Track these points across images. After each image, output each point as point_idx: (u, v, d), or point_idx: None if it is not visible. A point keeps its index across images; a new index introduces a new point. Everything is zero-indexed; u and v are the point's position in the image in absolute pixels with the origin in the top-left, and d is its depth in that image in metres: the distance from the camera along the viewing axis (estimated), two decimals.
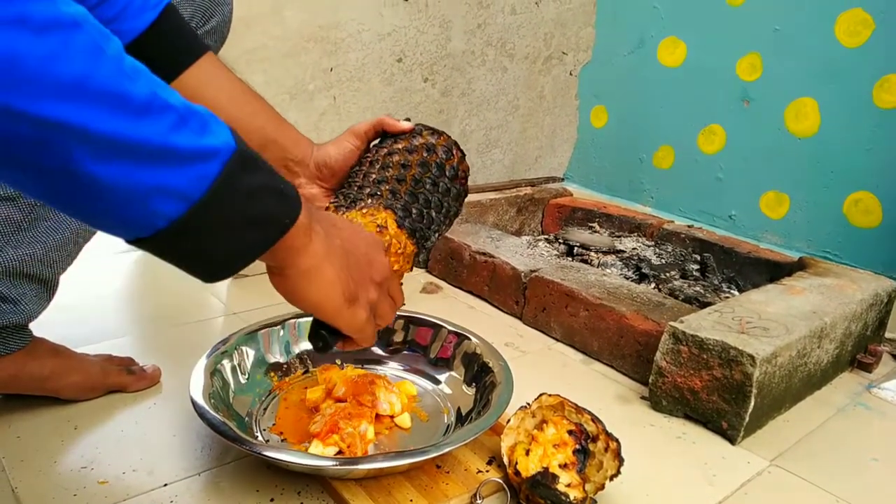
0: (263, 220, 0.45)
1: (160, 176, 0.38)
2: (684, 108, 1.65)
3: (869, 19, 1.30)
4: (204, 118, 0.41)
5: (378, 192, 0.69)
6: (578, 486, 0.68)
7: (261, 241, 0.45)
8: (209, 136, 0.40)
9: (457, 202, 0.77)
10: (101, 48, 0.35)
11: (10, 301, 0.73)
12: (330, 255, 0.51)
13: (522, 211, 1.68)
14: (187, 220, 0.40)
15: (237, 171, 0.42)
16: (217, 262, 0.45)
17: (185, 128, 0.39)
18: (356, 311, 0.54)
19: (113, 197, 0.38)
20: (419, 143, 0.74)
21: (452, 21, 1.54)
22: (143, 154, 0.37)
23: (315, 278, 0.50)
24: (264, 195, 0.44)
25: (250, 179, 0.43)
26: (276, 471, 0.73)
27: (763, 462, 0.83)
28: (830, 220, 1.41)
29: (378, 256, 0.59)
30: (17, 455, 0.73)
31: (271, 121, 0.73)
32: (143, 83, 0.37)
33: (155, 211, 0.39)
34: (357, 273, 0.54)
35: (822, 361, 0.99)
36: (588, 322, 1.08)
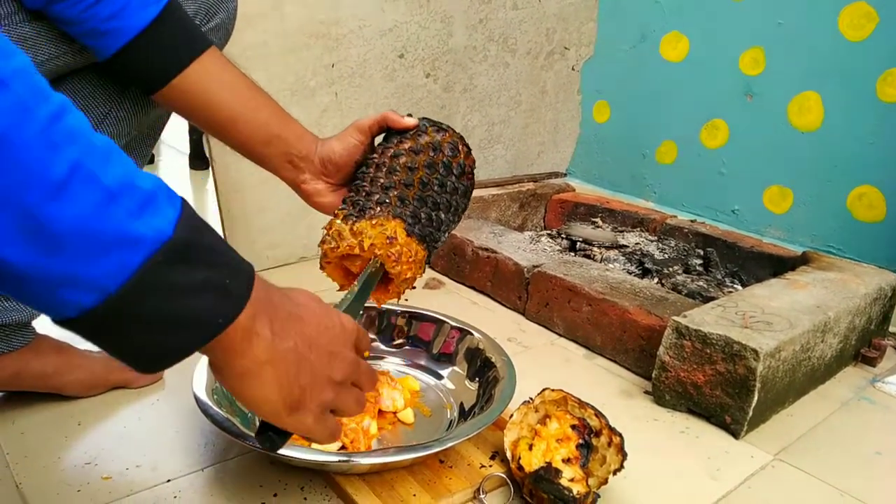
0: (191, 322, 0.40)
1: (73, 265, 0.34)
2: (687, 103, 1.65)
3: (872, 13, 1.30)
4: (143, 197, 0.37)
5: (387, 200, 0.68)
6: (581, 480, 0.68)
7: (187, 343, 0.40)
8: (138, 222, 0.36)
9: (465, 198, 0.77)
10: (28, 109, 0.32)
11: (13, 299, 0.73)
12: (273, 361, 0.46)
13: (525, 206, 1.68)
14: (101, 312, 0.36)
15: (166, 265, 0.37)
16: (142, 359, 0.40)
17: (112, 208, 0.35)
18: (300, 416, 0.49)
19: (19, 279, 0.34)
20: (425, 142, 0.73)
21: (454, 16, 1.53)
22: (53, 237, 0.33)
23: (251, 382, 0.45)
24: (198, 293, 0.39)
25: (182, 275, 0.38)
26: (280, 466, 0.73)
27: (767, 456, 0.83)
28: (834, 215, 1.41)
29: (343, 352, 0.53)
30: (21, 451, 0.73)
31: (275, 116, 0.73)
32: (71, 153, 0.33)
33: (65, 301, 0.35)
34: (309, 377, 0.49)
35: (825, 356, 0.99)
36: (591, 317, 1.08)
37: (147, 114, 0.75)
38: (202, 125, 0.71)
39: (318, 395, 0.50)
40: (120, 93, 0.71)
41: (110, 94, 0.71)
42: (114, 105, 0.71)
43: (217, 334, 0.41)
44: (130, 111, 0.73)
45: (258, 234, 1.32)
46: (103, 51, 0.62)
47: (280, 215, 1.32)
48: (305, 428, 0.50)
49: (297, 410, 0.49)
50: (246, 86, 0.71)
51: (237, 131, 0.71)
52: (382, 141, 0.76)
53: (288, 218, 1.33)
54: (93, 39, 0.61)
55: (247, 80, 0.71)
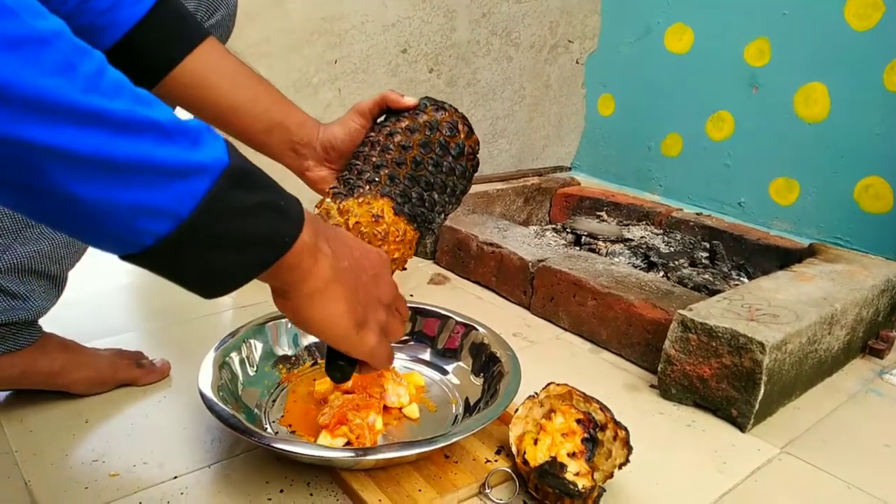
0: (260, 240, 0.43)
1: (144, 194, 0.37)
2: (692, 95, 1.64)
3: (879, 2, 1.29)
4: (194, 133, 0.39)
5: (376, 178, 0.68)
6: (587, 474, 0.68)
7: (258, 261, 0.43)
8: (197, 152, 0.39)
9: (463, 180, 0.75)
10: (73, 64, 0.34)
11: (20, 297, 0.74)
12: (338, 278, 0.48)
13: (530, 201, 1.68)
14: (176, 238, 0.39)
15: (229, 188, 0.40)
16: (212, 281, 0.43)
17: (171, 144, 0.37)
18: (365, 335, 0.52)
19: (96, 215, 0.36)
20: (423, 122, 0.72)
21: (457, 11, 1.53)
22: (123, 172, 0.36)
23: (321, 302, 0.48)
24: (261, 213, 0.42)
25: (244, 196, 0.41)
26: (286, 462, 0.73)
27: (773, 449, 0.83)
28: (841, 206, 1.40)
29: (386, 276, 0.57)
30: (29, 449, 0.74)
31: (276, 104, 0.73)
32: (124, 99, 0.36)
33: (141, 229, 0.38)
34: (365, 295, 0.52)
35: (832, 348, 0.98)
36: (596, 311, 1.08)
37: None
38: (203, 116, 0.71)
39: (375, 314, 0.53)
40: None
41: None
42: None
43: (286, 251, 0.44)
44: None
45: None
46: (99, 46, 0.62)
47: None
48: (369, 347, 0.54)
49: (363, 327, 0.52)
50: (245, 74, 0.71)
51: (238, 120, 0.71)
52: (382, 120, 0.75)
53: None
54: (89, 34, 0.61)
55: (246, 69, 0.71)
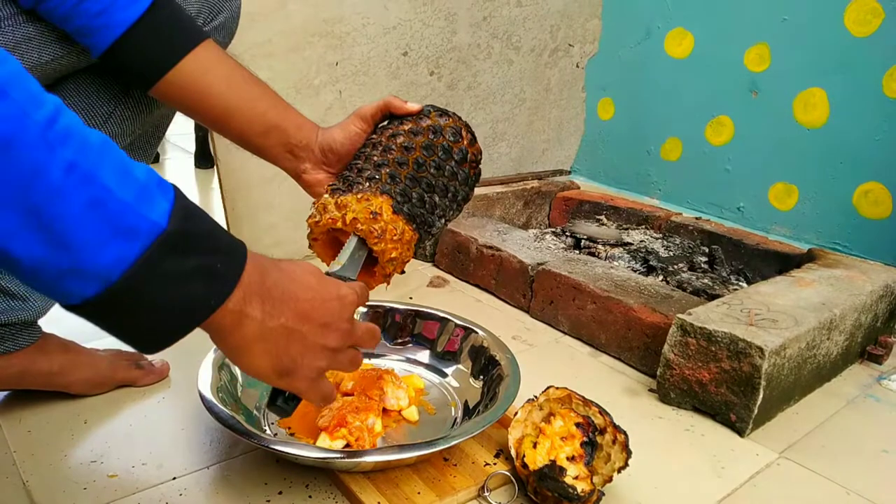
0: (186, 306, 0.43)
1: (75, 257, 0.37)
2: (692, 100, 1.65)
3: (878, 8, 1.29)
4: (139, 191, 0.39)
5: (377, 176, 0.67)
6: (586, 478, 0.68)
7: (184, 324, 0.44)
8: (135, 215, 0.38)
9: (465, 186, 0.74)
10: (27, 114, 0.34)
11: (19, 298, 0.74)
12: (262, 338, 0.49)
13: (529, 204, 1.68)
14: (103, 300, 0.39)
15: (160, 255, 0.40)
16: (142, 340, 0.43)
17: (110, 204, 0.37)
18: (292, 381, 0.53)
19: (28, 269, 0.37)
20: (426, 125, 0.71)
21: (458, 14, 1.53)
22: (55, 233, 0.36)
23: (243, 356, 0.49)
24: (191, 279, 0.42)
25: (176, 263, 0.41)
26: (285, 464, 0.73)
27: (772, 454, 0.83)
28: (840, 212, 1.40)
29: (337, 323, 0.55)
30: (27, 449, 0.74)
31: (273, 106, 0.72)
32: (67, 153, 0.35)
33: (69, 290, 0.38)
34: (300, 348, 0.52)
35: (831, 353, 0.98)
36: (595, 315, 1.08)
37: (151, 113, 0.75)
38: (200, 119, 0.71)
39: (311, 363, 0.54)
40: (123, 92, 0.71)
41: (114, 94, 0.71)
42: (118, 104, 0.72)
43: (208, 317, 0.44)
44: (134, 110, 0.73)
45: (263, 231, 1.32)
46: (95, 48, 0.62)
47: (285, 213, 1.32)
48: (298, 390, 0.55)
49: (288, 376, 0.53)
50: (242, 77, 0.70)
51: (234, 123, 0.71)
52: (385, 124, 0.75)
53: (292, 216, 1.33)
54: (84, 37, 0.61)
55: (243, 72, 0.71)
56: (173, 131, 0.82)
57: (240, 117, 0.70)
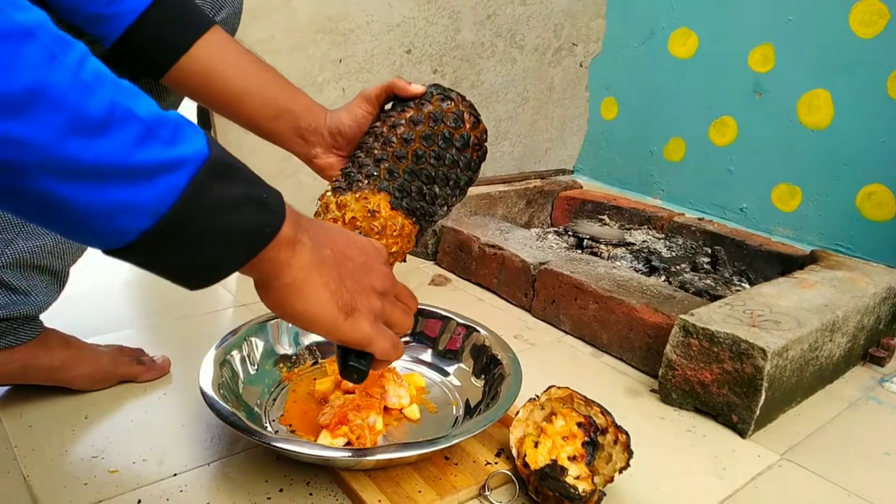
0: (240, 233, 0.43)
1: (123, 193, 0.37)
2: (695, 100, 1.64)
3: (884, 9, 1.29)
4: (174, 126, 0.39)
5: (375, 173, 0.68)
6: (587, 478, 0.68)
7: (239, 254, 0.43)
8: (177, 147, 0.38)
9: (468, 171, 0.74)
10: (56, 57, 0.33)
11: (21, 292, 0.74)
12: (319, 266, 0.48)
13: (532, 203, 1.68)
14: (156, 233, 0.39)
15: (208, 182, 0.40)
16: (195, 274, 0.43)
17: (151, 139, 0.37)
18: (356, 322, 0.52)
19: (77, 214, 0.36)
20: (427, 112, 0.71)
21: (462, 12, 1.53)
22: (103, 172, 0.36)
23: (302, 290, 0.48)
24: (241, 206, 0.42)
25: (224, 190, 0.41)
26: (285, 461, 0.73)
27: (774, 456, 0.83)
28: (843, 213, 1.40)
29: (377, 265, 0.56)
30: (28, 444, 0.74)
31: (283, 90, 0.73)
32: (105, 93, 0.35)
33: (121, 226, 0.38)
34: (353, 283, 0.52)
35: (833, 355, 0.98)
36: (597, 315, 1.08)
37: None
38: (210, 104, 0.71)
39: (366, 301, 0.52)
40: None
41: None
42: None
43: (267, 244, 0.44)
44: None
45: None
46: (107, 37, 0.62)
47: None
48: (364, 334, 0.52)
49: (352, 314, 0.51)
50: (251, 62, 0.71)
51: (245, 107, 0.71)
52: (388, 109, 0.75)
53: None
54: (96, 26, 0.62)
55: (252, 57, 0.71)
56: None
57: (250, 101, 0.71)
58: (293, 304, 0.48)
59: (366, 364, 0.56)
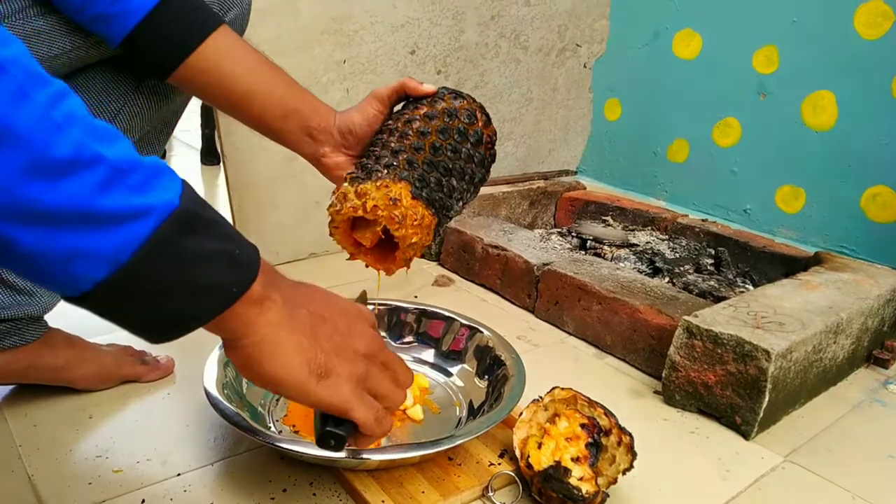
0: (205, 289, 0.40)
1: (82, 239, 0.35)
2: (699, 101, 1.64)
3: (889, 11, 1.28)
4: (148, 173, 0.37)
5: (395, 163, 0.67)
6: (591, 479, 0.67)
7: (202, 311, 0.41)
8: (145, 195, 0.37)
9: (481, 168, 0.75)
10: (26, 94, 0.32)
11: (26, 293, 0.74)
12: (290, 325, 0.46)
13: (535, 204, 1.68)
14: (114, 284, 0.37)
15: (175, 234, 0.38)
16: (155, 329, 0.41)
17: (117, 185, 0.36)
18: (332, 386, 0.48)
19: (31, 259, 0.35)
20: (441, 108, 0.72)
21: (466, 13, 1.53)
22: (61, 217, 0.34)
23: (269, 351, 0.45)
24: (209, 261, 0.40)
25: (192, 243, 0.39)
26: (289, 461, 0.73)
27: (777, 458, 0.82)
28: (847, 215, 1.40)
29: (360, 327, 0.52)
30: (33, 444, 0.74)
31: (291, 90, 0.73)
32: (74, 134, 0.34)
33: (78, 274, 0.36)
34: (331, 345, 0.48)
35: (837, 357, 0.98)
36: (601, 316, 1.07)
37: (160, 109, 0.75)
38: (218, 103, 0.71)
39: (347, 364, 0.49)
40: (134, 88, 0.72)
41: (124, 89, 0.71)
42: (128, 100, 0.72)
43: (233, 302, 0.42)
44: (144, 106, 0.73)
45: (269, 229, 1.32)
46: (114, 36, 0.62)
47: (291, 211, 1.33)
48: (342, 399, 0.49)
49: (327, 377, 0.48)
50: (259, 61, 0.71)
51: (254, 106, 0.71)
52: (400, 107, 0.75)
53: (299, 214, 1.33)
54: (103, 25, 0.61)
55: (260, 56, 0.71)
56: (179, 128, 0.82)
57: (259, 101, 0.70)
58: (260, 365, 0.45)
59: (346, 430, 0.52)
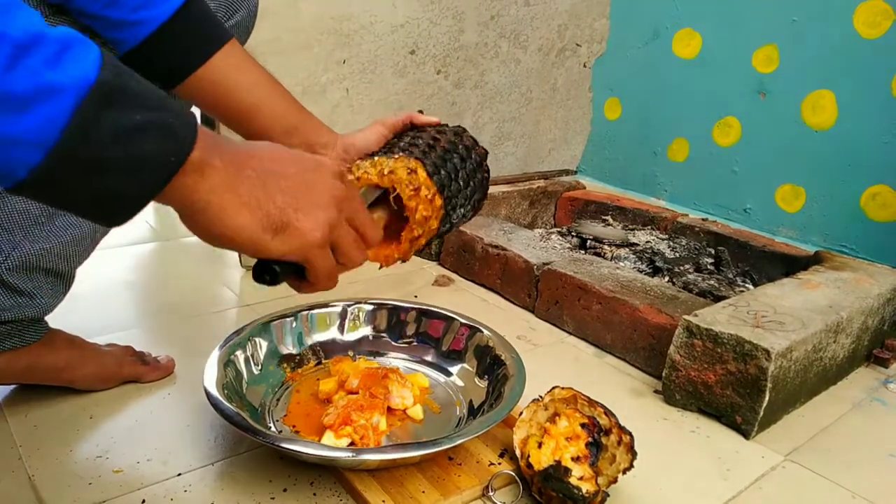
0: (141, 163, 0.39)
1: (4, 124, 0.34)
2: (699, 101, 1.64)
3: (889, 10, 1.28)
4: (58, 47, 0.35)
5: (410, 151, 0.69)
6: (591, 479, 0.68)
7: (145, 186, 0.40)
8: (55, 71, 0.35)
9: (481, 189, 0.78)
10: None
11: (27, 295, 0.74)
12: (234, 186, 0.44)
13: (535, 204, 1.68)
14: (48, 167, 0.36)
15: (99, 109, 0.36)
16: (105, 209, 0.40)
17: (25, 61, 0.34)
18: (291, 237, 0.47)
19: None
20: (446, 128, 0.76)
21: (465, 12, 1.53)
22: None
23: (216, 215, 0.44)
24: (141, 134, 0.38)
25: (119, 116, 0.37)
26: (289, 461, 0.73)
27: (777, 457, 0.82)
28: (847, 214, 1.40)
29: (322, 177, 0.50)
30: (33, 444, 0.74)
31: (295, 107, 0.74)
32: None
33: (12, 160, 0.35)
34: (287, 199, 0.47)
35: (837, 356, 0.98)
36: (601, 315, 1.08)
37: None
38: (223, 116, 0.72)
39: (307, 215, 0.48)
40: None
41: None
42: None
43: (173, 174, 0.41)
44: None
45: None
46: (128, 41, 0.62)
47: None
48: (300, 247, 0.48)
49: (283, 231, 0.47)
50: (265, 77, 0.72)
51: (258, 121, 0.71)
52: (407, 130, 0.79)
53: None
54: (118, 31, 0.62)
55: (266, 72, 0.72)
56: None
57: (264, 115, 0.71)
58: (210, 229, 0.45)
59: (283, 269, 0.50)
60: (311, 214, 0.48)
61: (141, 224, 1.56)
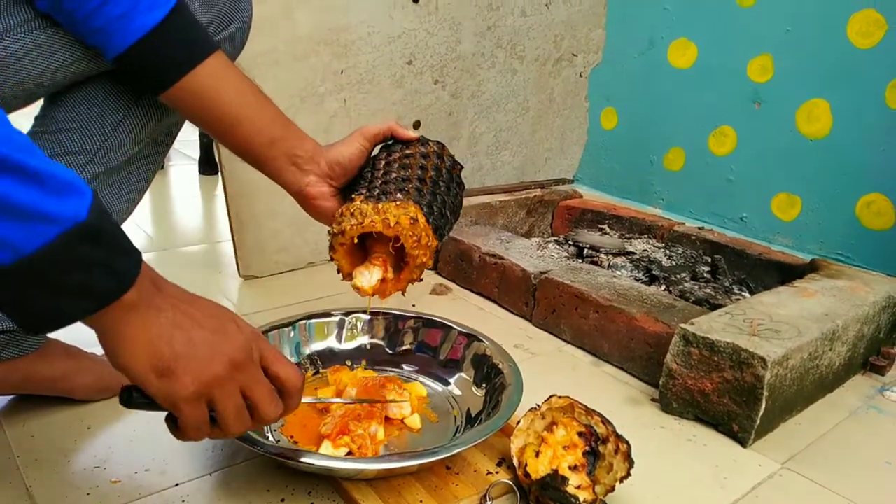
0: (86, 292, 0.45)
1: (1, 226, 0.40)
2: (695, 110, 1.65)
3: (881, 20, 1.30)
4: (63, 184, 0.42)
5: (406, 189, 0.71)
6: (588, 487, 0.68)
7: (78, 310, 0.45)
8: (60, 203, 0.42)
9: (460, 207, 0.81)
10: None
11: None
12: (148, 325, 0.49)
13: (532, 213, 1.68)
14: (13, 270, 0.41)
15: (76, 241, 0.43)
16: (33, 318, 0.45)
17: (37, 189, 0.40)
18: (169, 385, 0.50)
19: None
20: (431, 150, 0.78)
21: (462, 23, 1.54)
22: None
23: (120, 345, 0.48)
24: (97, 269, 0.44)
25: (87, 251, 0.44)
26: (287, 471, 0.73)
27: (774, 465, 0.83)
28: (842, 222, 1.41)
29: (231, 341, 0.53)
30: (31, 454, 0.74)
31: (279, 119, 0.74)
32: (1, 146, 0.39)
33: None
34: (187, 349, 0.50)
35: (833, 364, 0.98)
36: (598, 324, 1.08)
37: (160, 121, 0.76)
38: (206, 126, 0.72)
39: (192, 367, 0.51)
40: (134, 101, 0.72)
41: (124, 102, 0.72)
42: (128, 112, 0.72)
43: (104, 305, 0.46)
44: (144, 118, 0.74)
45: (267, 238, 1.32)
46: (111, 50, 0.63)
47: (289, 220, 1.33)
48: (173, 398, 0.51)
49: (167, 376, 0.50)
50: (249, 89, 0.72)
51: (241, 132, 0.72)
52: (385, 147, 0.80)
53: (297, 223, 1.34)
54: (102, 38, 0.62)
55: (250, 83, 0.72)
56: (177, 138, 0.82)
57: (247, 126, 0.71)
58: (111, 353, 0.49)
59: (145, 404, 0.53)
60: (197, 369, 0.51)
61: (138, 234, 1.56)
